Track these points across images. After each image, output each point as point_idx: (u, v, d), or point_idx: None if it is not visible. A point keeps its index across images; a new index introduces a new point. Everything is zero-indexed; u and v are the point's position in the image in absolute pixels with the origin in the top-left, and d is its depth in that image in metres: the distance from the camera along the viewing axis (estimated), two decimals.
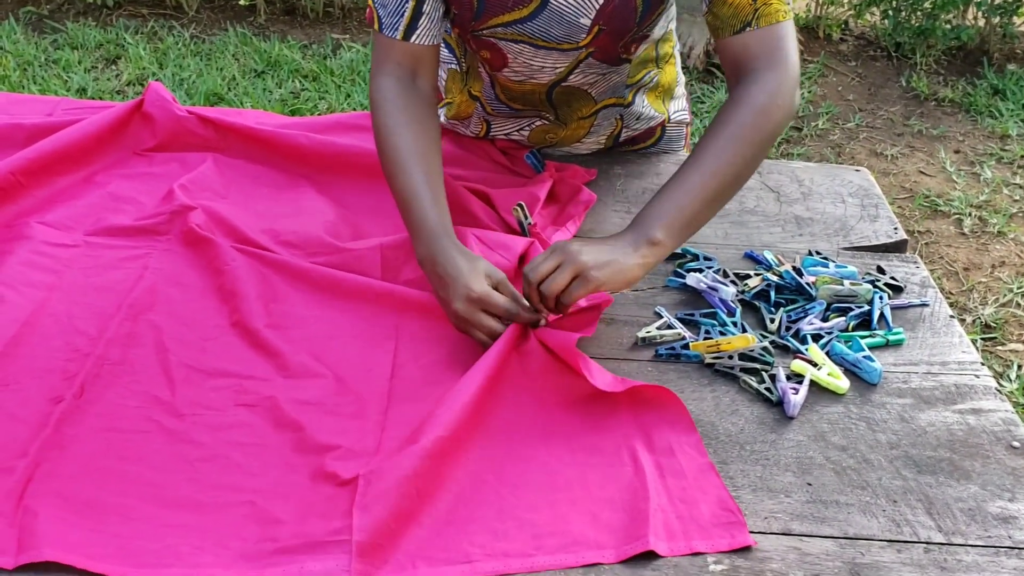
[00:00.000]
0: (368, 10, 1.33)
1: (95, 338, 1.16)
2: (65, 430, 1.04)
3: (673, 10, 1.43)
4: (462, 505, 0.98)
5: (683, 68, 3.63)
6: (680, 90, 1.62)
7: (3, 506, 0.94)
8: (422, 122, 1.31)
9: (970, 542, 0.99)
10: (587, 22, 1.33)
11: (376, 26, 1.32)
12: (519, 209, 1.34)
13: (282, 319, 1.22)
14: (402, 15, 1.29)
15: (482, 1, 1.32)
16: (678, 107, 1.62)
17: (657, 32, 1.43)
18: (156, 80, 1.62)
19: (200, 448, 1.03)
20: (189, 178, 1.44)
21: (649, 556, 0.95)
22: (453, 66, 1.53)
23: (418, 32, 1.31)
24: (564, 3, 1.31)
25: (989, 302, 2.59)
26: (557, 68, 1.42)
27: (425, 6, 1.30)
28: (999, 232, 2.87)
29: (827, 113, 3.44)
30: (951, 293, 2.64)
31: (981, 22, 3.84)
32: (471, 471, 1.02)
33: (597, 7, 1.31)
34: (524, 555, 0.94)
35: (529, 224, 1.34)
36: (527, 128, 1.55)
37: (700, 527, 0.97)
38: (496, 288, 1.17)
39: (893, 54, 3.88)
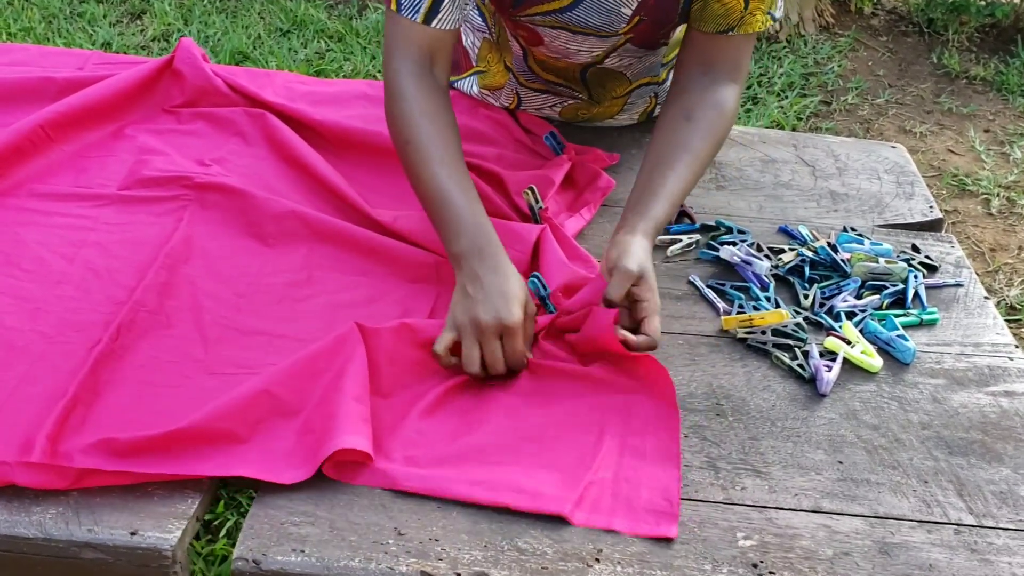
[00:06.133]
0: None
1: (133, 288, 1.17)
2: (101, 374, 1.05)
3: None
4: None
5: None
6: None
7: (44, 446, 0.94)
8: (443, 114, 1.24)
9: (1001, 525, 0.99)
10: (628, 12, 1.31)
11: (393, 6, 1.24)
12: (529, 193, 1.31)
13: (320, 281, 1.22)
14: None
15: None
16: None
17: None
18: (182, 37, 1.61)
19: None
20: (215, 156, 1.44)
21: (682, 532, 0.95)
22: (487, 35, 1.51)
23: (440, 16, 1.23)
24: None
25: (1015, 284, 2.57)
26: (593, 52, 1.40)
27: None
28: None
29: (856, 88, 3.40)
30: (977, 274, 2.61)
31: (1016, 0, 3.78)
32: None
33: None
34: (471, 483, 0.97)
35: (540, 208, 1.31)
36: (559, 105, 1.53)
37: (630, 509, 0.97)
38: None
39: (925, 30, 3.83)
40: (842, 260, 1.29)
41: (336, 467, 0.97)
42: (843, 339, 1.18)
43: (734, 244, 1.32)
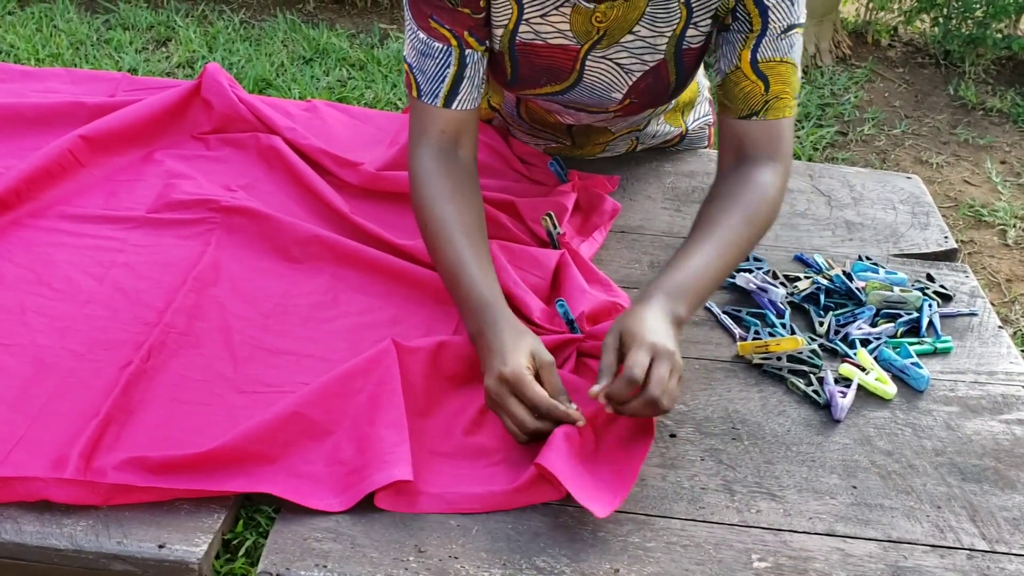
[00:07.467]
0: (405, 76, 1.27)
1: (162, 310, 1.19)
2: (133, 394, 1.07)
3: None
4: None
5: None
6: (703, 95, 1.62)
7: (77, 463, 0.97)
8: (465, 192, 1.23)
9: (1014, 551, 1.00)
10: (619, 96, 1.34)
11: (414, 92, 1.26)
12: (548, 219, 1.34)
13: (345, 303, 1.24)
14: (443, 81, 1.24)
15: (515, 74, 1.32)
16: (700, 113, 1.63)
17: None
18: (207, 63, 1.64)
19: None
20: (242, 183, 1.46)
21: (697, 554, 0.96)
22: None
23: (459, 97, 1.25)
24: (597, 80, 1.32)
25: None
26: (583, 122, 1.46)
27: (467, 70, 1.24)
28: None
29: (873, 119, 3.42)
30: (992, 304, 2.62)
31: None
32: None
33: (630, 84, 1.32)
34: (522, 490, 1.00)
35: (558, 234, 1.33)
36: (543, 146, 1.59)
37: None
38: (538, 373, 1.06)
39: (942, 62, 3.85)
40: (857, 288, 1.30)
41: (388, 498, 0.98)
42: (858, 366, 1.20)
43: (750, 271, 1.34)
